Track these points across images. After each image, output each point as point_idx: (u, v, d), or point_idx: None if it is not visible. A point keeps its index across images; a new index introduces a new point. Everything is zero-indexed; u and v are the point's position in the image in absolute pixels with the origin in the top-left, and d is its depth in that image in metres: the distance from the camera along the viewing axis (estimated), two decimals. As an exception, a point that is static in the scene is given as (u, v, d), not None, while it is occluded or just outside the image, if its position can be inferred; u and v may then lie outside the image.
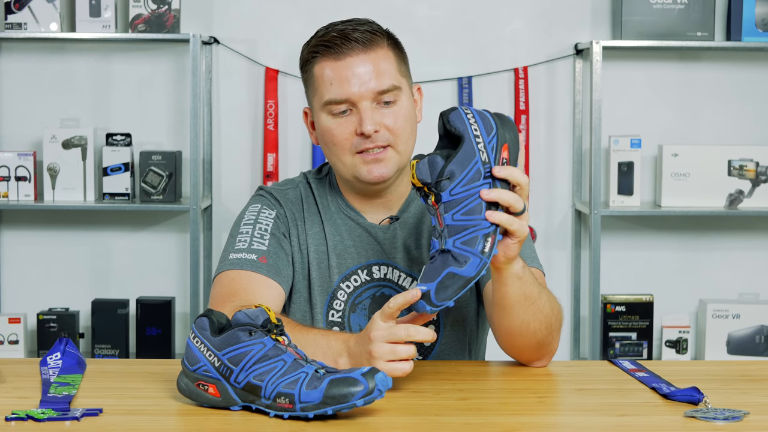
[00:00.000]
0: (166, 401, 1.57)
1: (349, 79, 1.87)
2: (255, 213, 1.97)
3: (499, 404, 1.58)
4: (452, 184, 1.57)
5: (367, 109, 1.87)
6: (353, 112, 1.89)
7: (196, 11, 3.64)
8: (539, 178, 3.72)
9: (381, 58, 1.89)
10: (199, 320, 1.54)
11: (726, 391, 1.65)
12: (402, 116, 1.90)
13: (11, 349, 3.51)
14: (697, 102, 3.72)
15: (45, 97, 3.66)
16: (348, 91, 1.87)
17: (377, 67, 1.88)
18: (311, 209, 1.99)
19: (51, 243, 3.71)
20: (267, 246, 1.90)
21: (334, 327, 1.94)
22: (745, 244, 3.76)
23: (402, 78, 1.92)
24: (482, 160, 1.58)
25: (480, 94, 3.68)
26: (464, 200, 1.57)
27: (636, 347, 3.62)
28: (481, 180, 1.57)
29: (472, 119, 1.59)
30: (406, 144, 1.93)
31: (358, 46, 1.88)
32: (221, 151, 3.70)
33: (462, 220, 1.57)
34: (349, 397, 1.43)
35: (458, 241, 1.57)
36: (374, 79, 1.87)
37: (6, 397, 1.58)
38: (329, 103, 1.89)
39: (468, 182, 1.57)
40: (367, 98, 1.87)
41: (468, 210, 1.57)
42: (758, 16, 3.54)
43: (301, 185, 2.03)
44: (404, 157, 1.93)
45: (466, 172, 1.57)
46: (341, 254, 1.96)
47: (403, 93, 1.92)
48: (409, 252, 1.97)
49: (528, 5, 3.68)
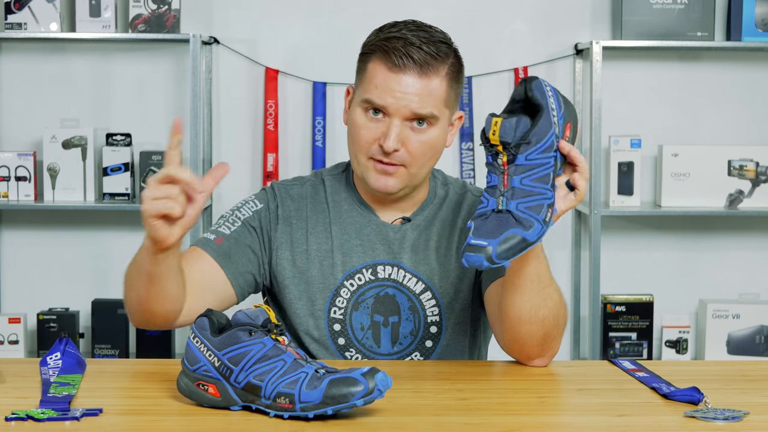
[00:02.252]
0: (166, 401, 1.57)
1: (393, 92, 1.87)
2: (243, 202, 2.01)
3: (499, 404, 1.58)
4: (530, 149, 1.60)
5: (397, 126, 1.87)
6: (384, 121, 1.89)
7: (196, 11, 3.65)
8: (539, 178, 3.72)
9: (432, 85, 1.88)
10: (199, 320, 1.54)
11: (726, 391, 1.65)
12: (427, 144, 1.90)
13: (11, 349, 3.51)
14: (697, 102, 3.72)
15: (45, 97, 3.66)
16: (387, 102, 1.87)
17: (424, 92, 1.87)
18: (318, 207, 2.00)
19: (51, 243, 3.71)
20: (231, 231, 1.94)
21: (335, 324, 1.95)
22: (745, 244, 3.76)
23: (445, 109, 1.92)
24: (556, 133, 1.62)
25: (480, 94, 3.68)
26: (536, 167, 1.60)
27: (636, 347, 3.62)
28: (553, 152, 1.62)
29: (550, 93, 1.63)
30: (421, 168, 1.92)
31: (415, 66, 1.88)
32: (221, 151, 3.70)
33: (530, 185, 1.60)
34: (349, 397, 1.43)
35: (522, 205, 1.60)
36: (417, 102, 1.87)
37: (6, 397, 1.58)
38: (367, 102, 1.90)
39: (544, 151, 1.61)
40: (402, 116, 1.88)
41: (538, 178, 1.61)
42: (758, 16, 3.54)
43: (309, 183, 2.03)
44: (415, 178, 1.93)
45: (544, 142, 1.60)
46: (347, 252, 1.96)
47: (439, 123, 1.91)
48: (417, 252, 1.97)
49: (528, 5, 3.68)
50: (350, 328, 1.95)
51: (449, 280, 1.97)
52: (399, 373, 1.66)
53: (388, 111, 1.88)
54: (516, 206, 1.60)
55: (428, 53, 1.89)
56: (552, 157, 1.61)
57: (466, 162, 3.66)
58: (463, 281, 1.97)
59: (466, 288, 1.97)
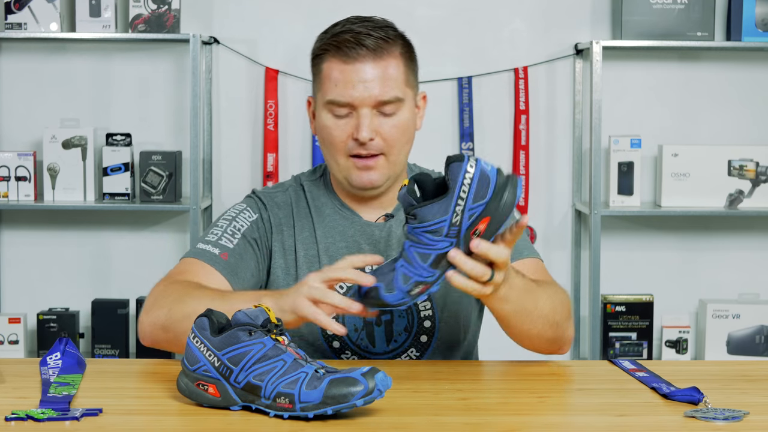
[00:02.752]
0: (166, 401, 1.57)
1: (354, 83, 1.88)
2: (236, 211, 1.99)
3: (499, 404, 1.58)
4: (415, 224, 1.57)
5: (367, 116, 1.89)
6: (353, 115, 1.90)
7: (196, 11, 3.65)
8: (539, 178, 3.72)
9: (389, 67, 1.91)
10: (199, 320, 1.54)
11: (726, 391, 1.65)
12: (399, 128, 1.92)
13: (11, 349, 3.51)
14: (697, 102, 3.72)
15: (45, 97, 3.66)
16: (351, 96, 1.89)
17: (384, 76, 1.89)
18: (302, 213, 2.00)
19: (51, 243, 3.71)
20: (234, 245, 1.92)
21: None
22: (745, 244, 3.76)
23: (408, 89, 1.94)
24: (451, 221, 1.56)
25: (480, 94, 3.68)
26: (421, 244, 1.57)
27: (636, 347, 3.62)
28: (442, 237, 1.56)
29: (468, 180, 1.55)
30: (399, 154, 1.94)
31: (369, 53, 1.89)
32: (221, 151, 3.70)
33: (412, 255, 1.58)
34: (349, 397, 1.43)
35: (401, 267, 1.59)
36: (378, 88, 1.89)
37: (6, 397, 1.58)
38: (331, 103, 1.91)
39: (428, 232, 1.57)
40: (368, 105, 1.89)
41: (420, 253, 1.58)
42: (758, 16, 3.54)
43: (291, 189, 2.04)
44: (396, 166, 1.95)
45: (431, 223, 1.56)
46: (333, 256, 1.96)
47: (405, 104, 1.93)
48: None
49: (528, 5, 3.68)
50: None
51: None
52: (398, 373, 1.66)
53: (354, 104, 1.89)
54: (400, 264, 1.60)
55: (378, 38, 1.90)
56: (440, 242, 1.56)
57: (466, 162, 3.65)
58: None
59: None
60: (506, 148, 3.70)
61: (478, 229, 1.56)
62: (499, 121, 3.71)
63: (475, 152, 3.67)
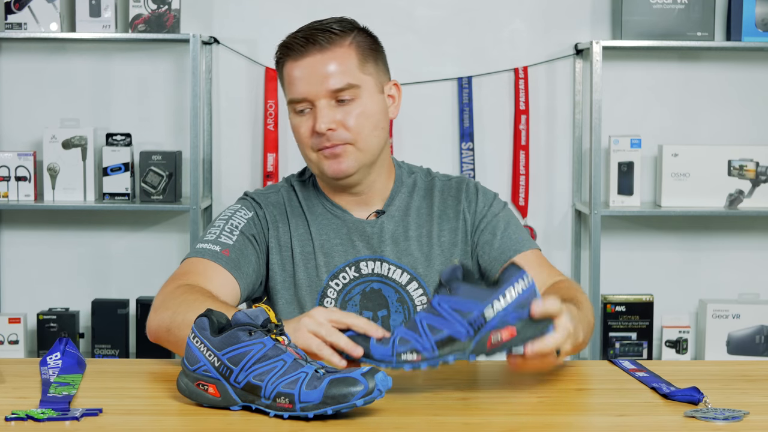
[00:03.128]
0: (166, 401, 1.57)
1: (305, 79, 1.92)
2: (232, 211, 2.01)
3: (499, 404, 1.58)
4: (444, 296, 1.54)
5: (323, 107, 1.92)
6: (312, 111, 1.93)
7: (196, 11, 3.65)
8: (539, 178, 3.72)
9: (339, 57, 1.93)
10: (199, 320, 1.54)
11: (726, 391, 1.65)
12: (360, 114, 1.93)
13: (11, 349, 3.51)
14: (696, 102, 3.72)
15: (45, 97, 3.66)
16: (304, 91, 1.92)
17: (333, 66, 1.92)
18: (295, 212, 2.03)
19: (51, 243, 3.71)
20: (233, 242, 1.93)
21: None
22: (745, 244, 3.76)
23: (365, 76, 1.95)
24: (483, 312, 1.52)
25: (480, 94, 3.68)
26: (439, 316, 1.54)
27: (636, 347, 3.62)
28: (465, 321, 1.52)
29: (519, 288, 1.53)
30: (367, 141, 1.94)
31: (317, 47, 1.93)
32: (221, 151, 3.70)
33: (422, 324, 1.55)
34: (349, 397, 1.43)
35: (404, 332, 1.56)
36: (329, 78, 1.91)
37: (6, 397, 1.58)
38: (291, 102, 1.96)
39: (456, 310, 1.53)
40: (323, 97, 1.92)
41: (432, 326, 1.53)
42: (758, 16, 3.54)
43: (283, 189, 2.06)
44: (368, 154, 1.95)
45: (463, 302, 1.53)
46: (328, 253, 1.98)
47: (364, 91, 1.94)
48: (398, 243, 1.99)
49: (528, 5, 3.68)
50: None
51: (434, 268, 1.99)
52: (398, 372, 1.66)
53: (309, 98, 1.92)
54: (402, 329, 1.57)
55: (327, 31, 1.95)
56: (459, 324, 1.53)
57: (466, 162, 3.66)
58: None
59: None
60: (506, 148, 3.70)
61: (501, 335, 1.53)
62: (499, 121, 3.71)
63: (475, 153, 3.67)
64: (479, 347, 1.53)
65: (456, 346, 1.53)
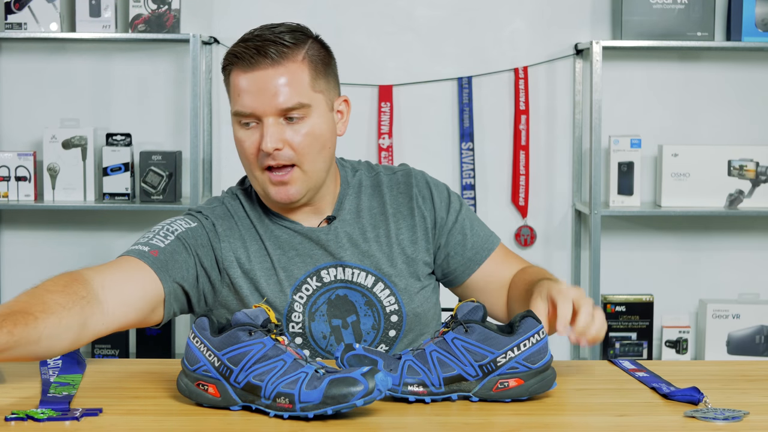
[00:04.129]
0: (166, 401, 1.57)
1: (254, 93, 1.83)
2: (172, 219, 1.93)
3: (499, 404, 1.58)
4: (464, 336, 1.57)
5: (270, 125, 1.83)
6: (258, 126, 1.85)
7: (196, 11, 3.65)
8: (539, 178, 3.72)
9: (291, 73, 1.84)
10: (199, 320, 1.54)
11: (726, 391, 1.65)
12: (308, 134, 1.85)
13: (11, 349, 3.51)
14: (697, 102, 3.72)
15: (45, 97, 3.67)
16: (252, 106, 1.83)
17: (285, 83, 1.83)
18: (245, 224, 1.95)
19: (51, 243, 3.71)
20: (165, 244, 1.85)
21: (296, 338, 1.91)
22: (745, 244, 3.76)
23: (316, 94, 1.86)
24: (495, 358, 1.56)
25: (480, 94, 3.68)
26: (450, 353, 1.56)
27: (636, 347, 3.62)
28: (476, 363, 1.56)
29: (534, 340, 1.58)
30: (314, 162, 1.87)
31: (268, 60, 1.83)
32: (221, 151, 3.71)
33: (431, 358, 1.57)
34: (349, 397, 1.43)
35: (413, 363, 1.57)
36: (280, 96, 1.83)
37: (6, 397, 1.58)
38: (237, 114, 1.87)
39: (469, 351, 1.56)
40: (271, 114, 1.83)
41: (442, 360, 1.56)
42: (758, 16, 3.54)
43: (226, 200, 1.99)
44: (314, 175, 1.88)
45: (478, 345, 1.56)
46: (286, 266, 1.91)
47: (314, 110, 1.86)
48: (357, 245, 1.94)
49: (528, 5, 3.68)
50: (312, 339, 1.91)
51: (397, 266, 1.94)
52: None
53: (257, 113, 1.84)
54: (409, 357, 1.58)
55: (279, 44, 1.84)
56: (470, 367, 1.56)
57: (466, 162, 3.66)
58: (413, 265, 1.96)
59: (419, 271, 1.97)
60: (506, 148, 3.70)
61: (508, 383, 1.57)
62: (499, 121, 3.71)
63: (475, 153, 3.67)
64: (484, 390, 1.57)
65: (462, 386, 1.57)
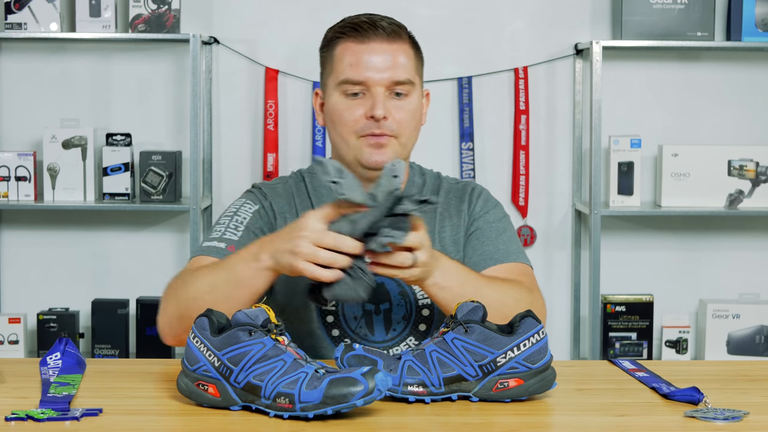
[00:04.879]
0: (166, 401, 1.57)
1: (368, 63, 1.93)
2: (237, 206, 2.01)
3: (499, 404, 1.58)
4: (464, 336, 1.58)
5: (380, 94, 1.92)
6: (366, 96, 1.94)
7: (196, 11, 3.64)
8: (539, 178, 3.72)
9: (402, 51, 1.95)
10: (199, 320, 1.54)
11: (726, 391, 1.65)
12: (410, 111, 1.96)
13: (11, 349, 3.51)
14: (696, 102, 3.72)
15: (45, 97, 3.66)
16: (365, 75, 1.93)
17: (397, 58, 1.94)
18: (304, 203, 2.03)
19: (51, 243, 3.71)
20: (238, 237, 1.93)
21: (327, 316, 1.95)
22: (745, 244, 3.76)
23: (416, 76, 1.98)
24: (495, 359, 1.58)
25: (480, 94, 3.68)
26: (451, 355, 1.58)
27: (636, 347, 3.62)
28: (476, 364, 1.58)
29: (534, 340, 1.59)
30: (409, 139, 1.98)
31: (383, 34, 1.93)
32: (221, 151, 3.70)
33: (431, 358, 1.59)
34: (349, 397, 1.43)
35: (413, 363, 1.59)
36: (392, 69, 1.93)
37: (6, 397, 1.58)
38: (345, 82, 1.94)
39: (470, 352, 1.57)
40: (382, 85, 1.93)
41: (442, 360, 1.58)
42: (758, 16, 3.54)
43: (291, 180, 2.07)
44: (405, 149, 1.98)
45: (480, 346, 1.58)
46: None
47: (415, 90, 1.97)
48: None
49: (528, 5, 3.68)
50: (343, 319, 1.96)
51: None
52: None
53: (369, 83, 1.93)
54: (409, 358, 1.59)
55: (390, 23, 1.96)
56: (470, 368, 1.56)
57: (466, 162, 3.66)
58: None
59: None
60: (506, 148, 3.70)
61: (508, 383, 1.57)
62: (499, 121, 3.71)
63: (474, 153, 3.67)
64: (484, 390, 1.57)
65: (462, 386, 1.57)
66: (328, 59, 2.00)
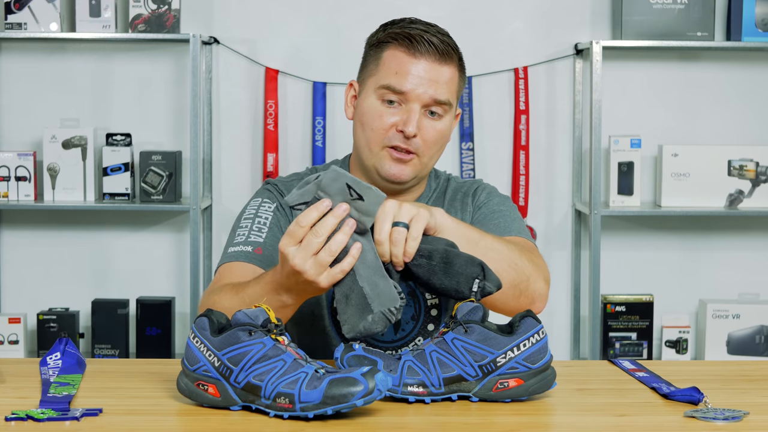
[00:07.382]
0: (166, 401, 1.57)
1: (413, 76, 1.92)
2: (255, 207, 2.00)
3: (499, 404, 1.58)
4: (464, 336, 1.57)
5: (416, 111, 1.92)
6: (402, 107, 1.93)
7: (196, 11, 3.64)
8: (539, 178, 3.72)
9: (451, 72, 1.95)
10: (198, 320, 1.54)
11: (726, 391, 1.65)
12: (440, 131, 1.95)
13: (11, 349, 3.51)
14: (696, 102, 3.72)
15: (45, 97, 3.66)
16: (408, 87, 1.92)
17: (443, 78, 1.93)
18: None
19: (51, 243, 3.71)
20: (264, 238, 1.92)
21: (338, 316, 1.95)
22: (745, 244, 3.76)
23: (455, 99, 1.98)
24: (495, 358, 1.58)
25: (480, 94, 3.68)
26: (450, 354, 1.57)
27: (636, 347, 3.62)
28: (476, 364, 1.57)
29: (534, 340, 1.58)
30: (431, 159, 1.97)
31: (435, 52, 1.93)
32: (221, 151, 3.70)
33: (430, 358, 1.58)
34: (349, 397, 1.43)
35: (414, 364, 1.58)
36: (435, 88, 1.92)
37: (6, 397, 1.58)
38: (386, 87, 1.93)
39: (470, 352, 1.57)
40: (421, 102, 1.92)
41: (441, 360, 1.57)
42: (758, 16, 3.54)
43: (306, 176, 2.04)
44: (426, 168, 1.98)
45: (480, 346, 1.57)
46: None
47: (449, 114, 1.97)
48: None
49: (528, 5, 3.68)
50: None
51: None
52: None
53: (408, 96, 1.92)
54: (410, 359, 1.58)
55: (444, 42, 1.96)
56: (470, 368, 1.56)
57: (466, 162, 3.66)
58: None
59: None
60: (506, 148, 3.70)
61: (508, 383, 1.57)
62: (499, 121, 3.71)
63: (474, 153, 3.67)
64: (484, 390, 1.57)
65: (462, 386, 1.57)
66: (373, 58, 1.99)
